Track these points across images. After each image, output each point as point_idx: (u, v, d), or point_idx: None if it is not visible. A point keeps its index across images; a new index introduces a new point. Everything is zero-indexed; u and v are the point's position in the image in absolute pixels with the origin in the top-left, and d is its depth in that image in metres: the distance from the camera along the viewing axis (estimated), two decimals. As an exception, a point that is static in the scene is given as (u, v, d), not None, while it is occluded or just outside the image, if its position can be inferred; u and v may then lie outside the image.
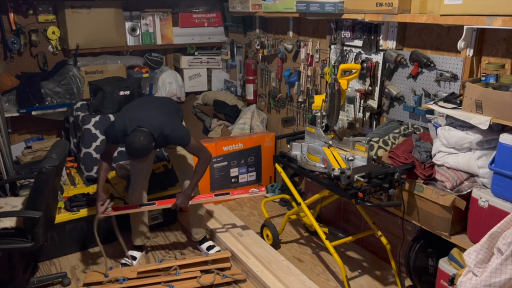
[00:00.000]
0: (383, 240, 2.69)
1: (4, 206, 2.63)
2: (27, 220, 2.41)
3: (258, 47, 4.13)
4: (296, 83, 3.71)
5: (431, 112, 2.55)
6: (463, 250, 2.13)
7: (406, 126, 2.76)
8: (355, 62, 3.09)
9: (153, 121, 2.57)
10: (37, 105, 3.88)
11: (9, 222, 2.45)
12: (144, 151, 2.50)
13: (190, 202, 2.90)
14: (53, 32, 4.11)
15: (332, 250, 2.58)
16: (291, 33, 3.76)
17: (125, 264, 2.96)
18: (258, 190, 3.08)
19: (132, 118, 2.59)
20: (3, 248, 2.46)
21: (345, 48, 3.19)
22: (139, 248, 3.08)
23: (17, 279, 2.70)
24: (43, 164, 2.31)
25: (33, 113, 3.87)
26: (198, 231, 3.14)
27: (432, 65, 2.57)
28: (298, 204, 2.86)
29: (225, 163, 3.90)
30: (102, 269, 2.93)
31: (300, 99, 3.78)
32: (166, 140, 2.66)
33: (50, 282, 2.85)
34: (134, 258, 3.01)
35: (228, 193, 3.13)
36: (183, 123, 2.95)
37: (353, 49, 3.12)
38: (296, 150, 2.85)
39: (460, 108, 2.18)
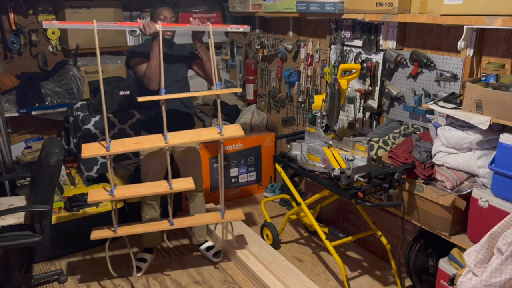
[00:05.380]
0: (383, 240, 2.69)
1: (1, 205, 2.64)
2: (35, 215, 2.43)
3: (258, 47, 4.12)
4: (296, 83, 3.71)
5: (431, 112, 2.55)
6: (463, 250, 2.13)
7: (406, 126, 2.76)
8: (355, 62, 3.09)
9: None
10: (37, 105, 3.87)
11: (13, 219, 2.47)
12: None
13: None
14: (53, 32, 4.11)
15: (332, 250, 2.58)
16: (291, 33, 3.76)
17: (138, 268, 2.93)
18: None
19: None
20: (13, 244, 2.47)
21: (345, 48, 3.19)
22: (150, 250, 3.07)
23: (14, 278, 2.70)
24: (50, 158, 2.34)
25: (33, 113, 3.87)
26: (201, 233, 3.14)
27: (432, 65, 2.57)
28: (298, 204, 2.86)
29: (225, 163, 3.90)
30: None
31: (300, 99, 3.78)
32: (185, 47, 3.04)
33: (47, 280, 2.85)
34: (144, 260, 2.99)
35: None
36: None
37: (353, 49, 3.12)
38: (296, 150, 2.85)
39: (460, 108, 2.18)
